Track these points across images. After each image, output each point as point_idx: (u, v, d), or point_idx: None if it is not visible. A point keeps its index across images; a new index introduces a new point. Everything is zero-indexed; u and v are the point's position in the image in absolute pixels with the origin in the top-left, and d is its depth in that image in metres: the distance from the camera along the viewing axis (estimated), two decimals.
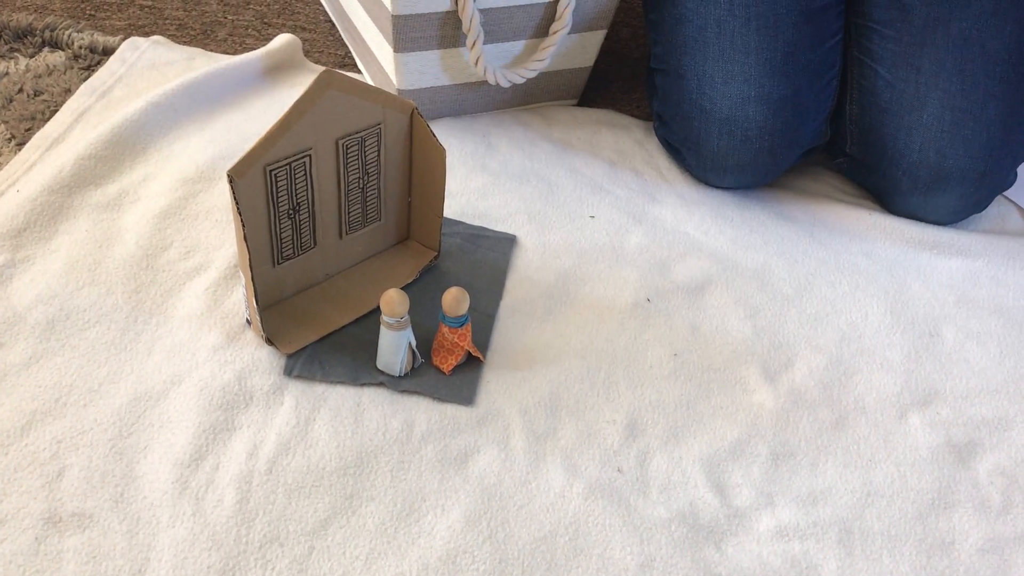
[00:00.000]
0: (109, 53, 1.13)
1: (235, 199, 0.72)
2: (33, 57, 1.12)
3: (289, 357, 0.80)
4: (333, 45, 1.22)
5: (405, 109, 0.82)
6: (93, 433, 0.73)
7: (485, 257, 0.91)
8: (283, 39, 1.14)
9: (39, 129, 1.01)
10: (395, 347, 0.77)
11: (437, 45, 1.00)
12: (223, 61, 1.10)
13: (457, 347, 0.79)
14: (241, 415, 0.75)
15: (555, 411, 0.79)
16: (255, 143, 0.73)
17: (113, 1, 1.25)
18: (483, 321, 0.85)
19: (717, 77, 0.97)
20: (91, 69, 1.11)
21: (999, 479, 0.78)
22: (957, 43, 0.96)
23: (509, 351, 0.83)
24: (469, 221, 0.95)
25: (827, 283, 0.94)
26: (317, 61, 1.19)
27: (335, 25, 1.25)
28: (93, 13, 1.23)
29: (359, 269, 0.88)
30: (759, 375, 0.84)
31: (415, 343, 0.79)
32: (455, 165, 1.02)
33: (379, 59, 1.06)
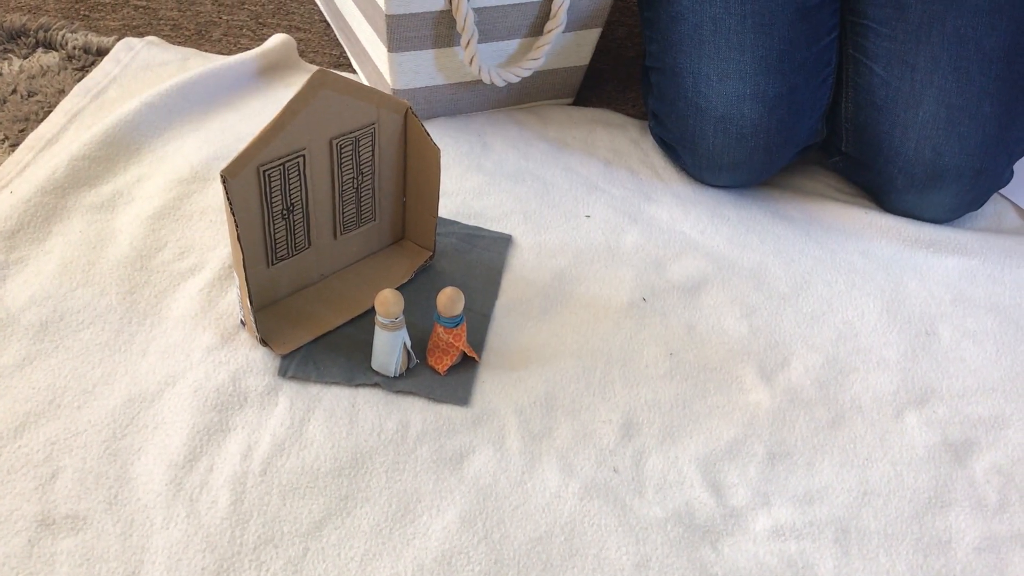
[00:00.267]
0: (103, 54, 1.13)
1: (228, 199, 0.72)
2: (27, 58, 1.12)
3: (283, 358, 0.79)
4: (328, 45, 1.22)
5: (399, 109, 0.81)
6: (87, 435, 0.73)
7: (480, 257, 0.91)
8: (278, 39, 1.14)
9: (33, 130, 1.01)
10: (390, 347, 0.77)
11: (432, 44, 1.00)
12: (217, 61, 1.10)
13: (452, 347, 0.79)
14: (235, 416, 0.75)
15: (551, 411, 0.79)
16: (248, 143, 0.72)
17: (107, 1, 1.25)
18: (478, 321, 0.85)
19: (712, 75, 0.97)
20: (85, 70, 1.11)
21: (995, 478, 0.77)
22: (952, 41, 0.96)
23: (505, 351, 0.83)
24: (464, 221, 0.95)
25: (823, 282, 0.93)
26: (312, 61, 1.19)
27: (330, 25, 1.25)
28: (87, 14, 1.22)
29: (354, 269, 0.88)
30: (755, 374, 0.83)
31: (410, 343, 0.79)
32: (450, 164, 1.02)
33: (374, 59, 1.06)
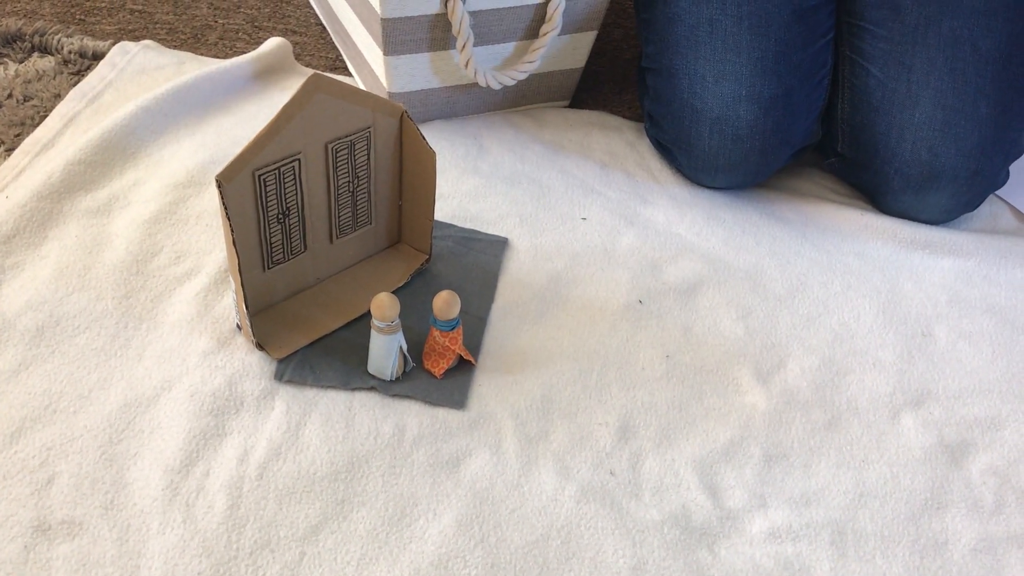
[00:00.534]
0: (99, 58, 1.13)
1: (224, 204, 0.72)
2: (23, 62, 1.12)
3: (280, 362, 0.79)
4: (324, 48, 1.22)
5: (394, 112, 0.81)
6: (83, 440, 0.73)
7: (476, 260, 0.91)
8: (273, 43, 1.13)
9: (28, 134, 1.01)
10: (386, 351, 0.77)
11: (427, 48, 1.00)
12: (213, 65, 1.10)
13: (448, 351, 0.79)
14: (232, 420, 0.75)
15: (547, 414, 0.79)
16: (244, 148, 0.72)
17: (103, 6, 1.25)
18: (475, 324, 0.85)
19: (708, 76, 0.97)
20: (81, 74, 1.11)
21: (992, 479, 0.78)
22: (948, 42, 0.96)
23: (501, 354, 0.83)
24: (460, 224, 0.95)
25: (819, 283, 0.93)
26: (308, 65, 1.19)
27: (326, 28, 1.25)
28: (83, 18, 1.22)
29: (350, 273, 0.88)
30: (751, 376, 0.83)
31: (406, 347, 0.79)
32: (446, 168, 1.02)
33: (369, 62, 1.06)
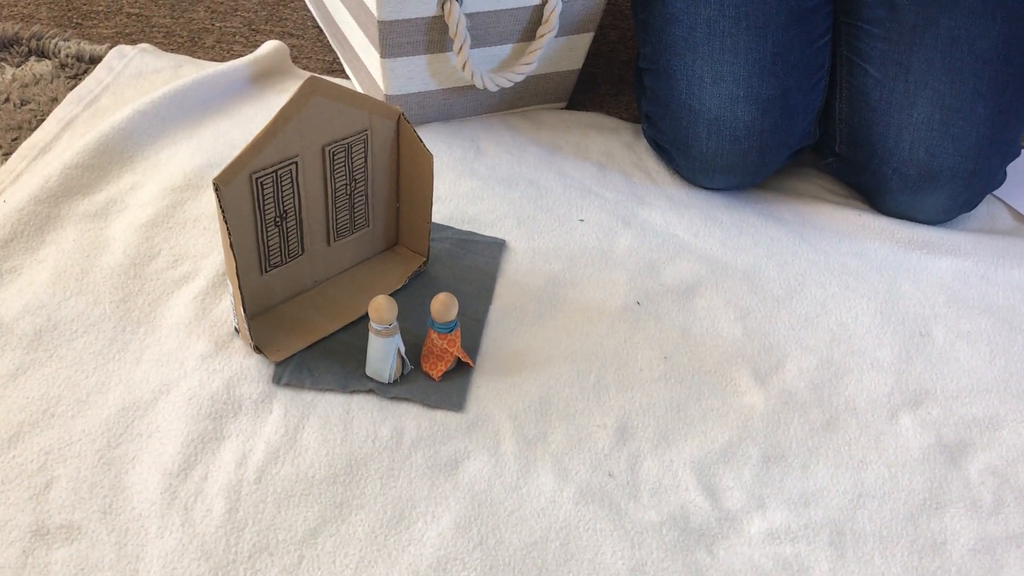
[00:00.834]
0: (96, 61, 1.13)
1: (221, 207, 0.72)
2: (20, 66, 1.12)
3: (278, 365, 0.79)
4: (321, 51, 1.22)
5: (391, 115, 0.81)
6: (81, 444, 0.73)
7: (474, 262, 0.91)
8: (270, 46, 1.13)
9: (26, 139, 1.01)
10: (384, 354, 0.77)
11: (424, 50, 1.00)
12: (210, 68, 1.10)
13: (446, 353, 0.79)
14: (230, 424, 0.75)
15: (545, 416, 0.79)
16: (241, 151, 0.72)
17: (100, 9, 1.25)
18: (472, 326, 0.85)
19: (706, 77, 0.97)
20: (78, 78, 1.11)
21: (990, 479, 0.78)
22: (946, 42, 0.96)
23: (499, 356, 0.83)
24: (458, 226, 0.95)
25: (817, 284, 0.93)
26: (305, 67, 1.19)
27: (323, 31, 1.25)
28: (80, 22, 1.22)
29: (347, 276, 0.88)
30: (749, 377, 0.83)
31: (404, 349, 0.79)
32: (444, 170, 1.02)
33: (366, 65, 1.06)
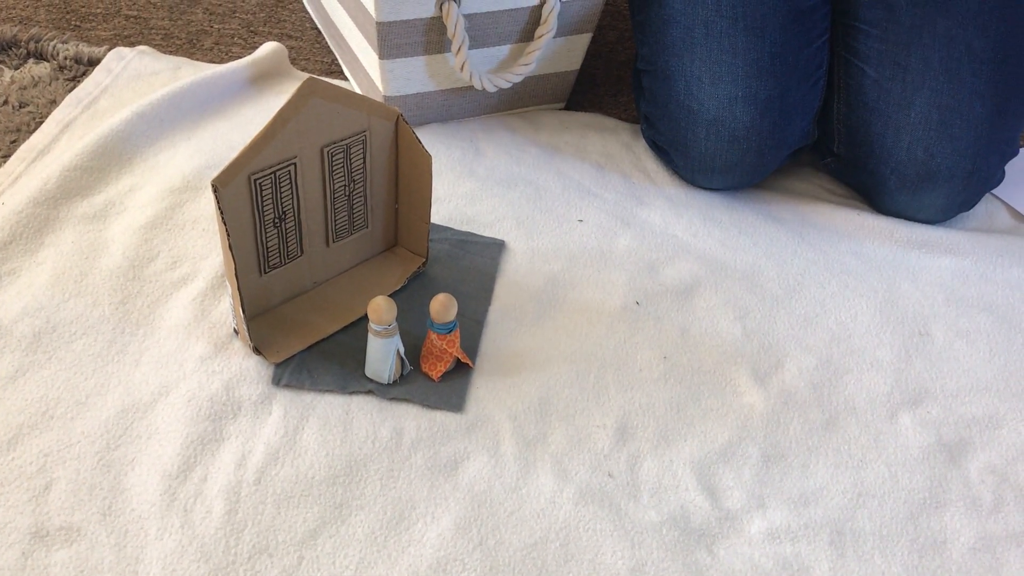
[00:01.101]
0: (94, 64, 1.13)
1: (220, 208, 0.72)
2: (18, 69, 1.11)
3: (277, 366, 0.79)
4: (319, 53, 1.22)
5: (390, 116, 0.81)
6: (80, 446, 0.73)
7: (473, 263, 0.91)
8: (269, 47, 1.13)
9: (24, 141, 1.01)
10: (383, 355, 0.77)
11: (422, 51, 1.00)
12: (209, 70, 1.10)
13: (446, 354, 0.79)
14: (229, 425, 0.75)
15: (545, 416, 0.79)
16: (239, 152, 0.72)
17: (98, 12, 1.25)
18: (472, 327, 0.85)
19: (704, 78, 0.97)
20: (76, 80, 1.11)
21: (990, 477, 0.77)
22: (943, 42, 0.96)
23: (498, 357, 0.83)
24: (457, 227, 0.95)
25: (816, 283, 0.93)
26: (304, 69, 1.19)
27: (321, 33, 1.25)
28: (78, 24, 1.22)
29: (346, 277, 0.88)
30: (749, 377, 0.83)
31: (403, 350, 0.79)
32: (442, 171, 1.02)
33: (365, 66, 1.06)
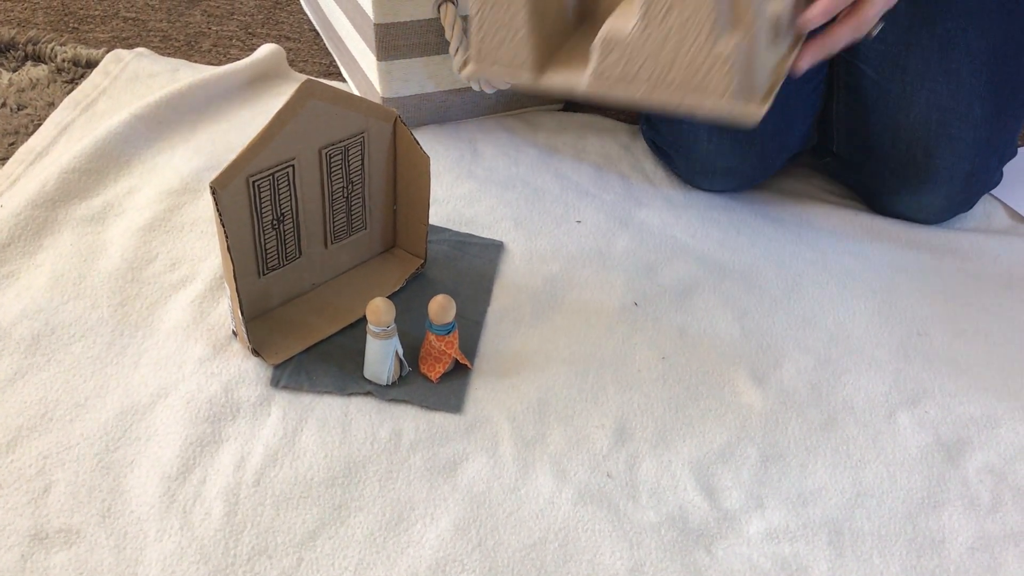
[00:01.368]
0: (92, 66, 1.13)
1: (218, 210, 0.72)
2: (16, 71, 1.12)
3: (276, 368, 0.79)
4: (318, 54, 1.22)
5: (388, 117, 0.82)
6: (79, 448, 0.73)
7: (472, 264, 0.91)
8: (267, 49, 1.14)
9: (22, 143, 1.01)
10: (382, 356, 0.77)
11: (420, 52, 1.00)
12: (207, 72, 1.10)
13: (444, 355, 0.79)
14: (228, 427, 0.75)
15: (543, 417, 0.79)
16: (237, 154, 0.72)
17: (96, 14, 1.25)
18: (470, 328, 0.85)
19: None
20: (74, 82, 1.11)
21: (988, 477, 0.78)
22: (943, 43, 0.96)
23: (497, 358, 0.83)
24: (455, 228, 0.95)
25: (815, 284, 0.93)
26: (302, 71, 1.19)
27: (319, 34, 1.25)
28: (76, 26, 1.23)
29: (345, 278, 0.88)
30: (747, 377, 0.84)
31: (402, 351, 0.79)
32: (441, 172, 1.02)
33: (363, 67, 1.06)
